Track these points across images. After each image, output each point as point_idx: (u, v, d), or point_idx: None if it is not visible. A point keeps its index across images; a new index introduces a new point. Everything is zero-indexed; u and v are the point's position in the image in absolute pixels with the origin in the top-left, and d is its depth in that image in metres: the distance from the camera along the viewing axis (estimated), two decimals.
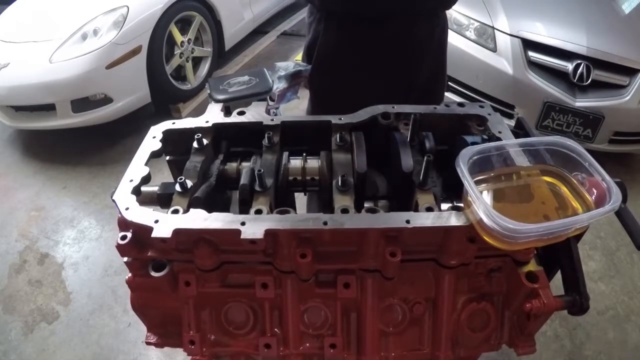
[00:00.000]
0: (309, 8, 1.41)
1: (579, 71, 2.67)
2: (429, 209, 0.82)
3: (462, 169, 0.76)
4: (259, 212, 0.82)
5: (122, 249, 0.83)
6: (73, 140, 3.27)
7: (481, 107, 1.06)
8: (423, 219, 0.79)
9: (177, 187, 0.87)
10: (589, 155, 0.81)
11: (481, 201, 0.72)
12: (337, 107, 1.09)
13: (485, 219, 0.72)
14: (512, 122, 2.00)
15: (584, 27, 2.80)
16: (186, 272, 0.86)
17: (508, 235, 0.71)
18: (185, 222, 0.78)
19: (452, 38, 2.97)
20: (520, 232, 0.69)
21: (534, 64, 2.77)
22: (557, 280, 0.91)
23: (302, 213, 0.82)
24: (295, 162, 0.99)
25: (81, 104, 2.96)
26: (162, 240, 0.77)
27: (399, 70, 1.36)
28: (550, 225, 0.71)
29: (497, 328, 0.93)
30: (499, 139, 0.96)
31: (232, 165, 1.00)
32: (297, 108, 3.42)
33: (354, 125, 1.01)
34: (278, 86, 1.36)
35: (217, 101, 1.15)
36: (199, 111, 3.29)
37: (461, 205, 0.88)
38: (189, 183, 0.87)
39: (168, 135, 1.00)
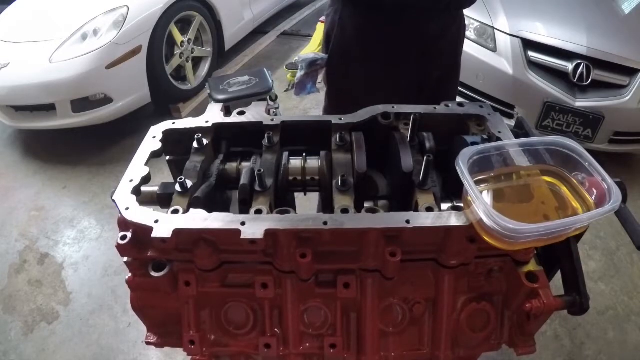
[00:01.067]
0: None
1: (579, 71, 2.67)
2: (429, 209, 0.82)
3: (462, 168, 0.76)
4: (259, 212, 0.82)
5: (122, 249, 0.83)
6: (73, 140, 3.27)
7: (481, 107, 1.06)
8: (423, 219, 0.79)
9: (177, 187, 0.87)
10: (589, 155, 0.81)
11: (481, 201, 0.72)
12: (351, 99, 1.09)
13: (485, 219, 0.72)
14: (512, 122, 2.00)
15: (584, 27, 2.80)
16: (186, 272, 0.86)
17: (508, 235, 0.71)
18: (185, 222, 0.78)
19: None
20: (520, 232, 0.69)
21: (534, 64, 2.78)
22: (557, 280, 0.91)
23: (302, 213, 0.82)
24: (295, 162, 0.99)
25: (81, 104, 2.96)
26: (162, 240, 0.77)
27: (411, 65, 1.37)
28: (550, 225, 0.71)
29: (497, 328, 0.93)
30: (499, 139, 0.96)
31: (232, 165, 1.00)
32: (296, 108, 3.43)
33: (354, 125, 1.01)
34: (298, 75, 1.36)
35: (217, 101, 1.16)
36: (199, 111, 3.29)
37: (461, 205, 0.88)
38: (189, 183, 0.87)
39: (168, 135, 1.00)
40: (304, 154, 1.00)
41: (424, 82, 1.41)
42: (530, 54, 2.78)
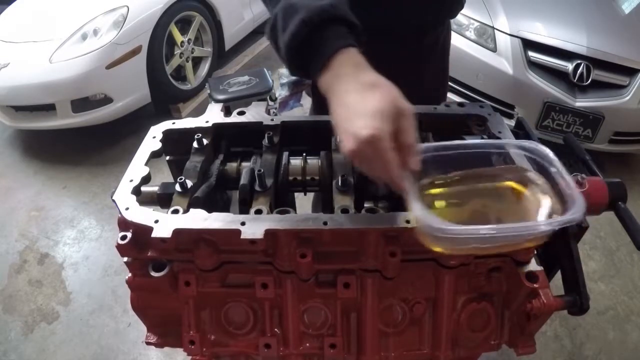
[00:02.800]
0: None
1: (579, 71, 2.67)
2: None
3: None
4: (259, 212, 0.82)
5: (122, 249, 0.82)
6: (73, 140, 3.27)
7: (481, 107, 1.06)
8: None
9: (177, 187, 0.87)
10: (557, 161, 0.76)
11: (414, 200, 0.68)
12: None
13: (417, 218, 0.70)
14: (512, 122, 2.00)
15: (584, 27, 2.80)
16: (186, 272, 0.86)
17: (440, 236, 0.67)
18: (185, 222, 0.78)
19: (452, 38, 2.97)
20: (450, 233, 0.65)
21: (534, 64, 2.78)
22: (557, 280, 0.91)
23: (302, 213, 0.82)
24: (295, 162, 0.99)
25: (81, 104, 2.96)
26: (162, 240, 0.77)
27: (403, 80, 1.34)
28: (489, 228, 0.66)
29: (497, 328, 0.93)
30: (498, 139, 0.96)
31: (232, 165, 1.00)
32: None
33: None
34: (281, 93, 1.34)
35: (217, 101, 1.15)
36: (199, 111, 3.29)
37: None
38: (189, 183, 0.87)
39: (168, 135, 1.00)
40: (304, 154, 1.00)
41: (415, 92, 1.37)
42: (530, 54, 2.78)
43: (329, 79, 0.71)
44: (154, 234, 0.76)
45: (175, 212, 0.81)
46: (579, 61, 2.69)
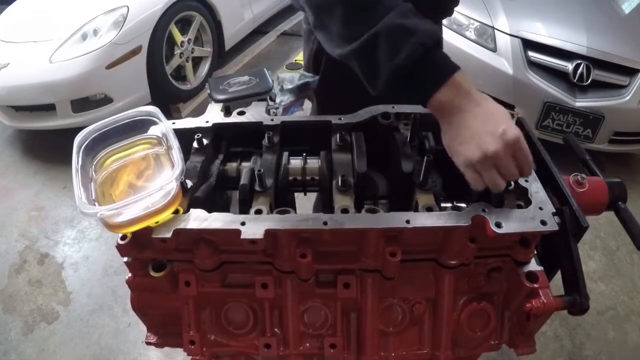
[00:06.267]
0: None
1: (579, 71, 2.68)
2: (429, 209, 0.82)
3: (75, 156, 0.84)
4: (259, 212, 0.82)
5: (122, 249, 0.83)
6: (73, 141, 3.27)
7: None
8: (423, 219, 0.78)
9: None
10: (165, 120, 0.87)
11: (76, 188, 0.77)
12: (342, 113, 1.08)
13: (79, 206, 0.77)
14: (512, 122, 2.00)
15: (584, 27, 2.80)
16: (186, 272, 0.86)
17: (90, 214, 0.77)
18: (186, 222, 0.78)
19: (452, 38, 2.97)
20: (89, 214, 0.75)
21: (534, 64, 2.78)
22: (557, 280, 0.91)
23: (302, 213, 0.82)
24: (295, 162, 0.99)
25: (81, 104, 2.96)
26: (162, 240, 0.77)
27: None
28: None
29: (497, 328, 0.93)
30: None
31: (232, 165, 1.00)
32: None
33: (354, 125, 1.01)
34: (283, 99, 1.32)
35: (217, 101, 1.15)
36: (199, 111, 3.29)
37: (461, 205, 0.88)
38: (189, 183, 0.87)
39: None
40: (304, 154, 1.00)
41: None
42: (530, 54, 2.78)
43: (450, 95, 0.76)
44: (154, 234, 0.76)
45: (176, 212, 0.82)
46: (579, 61, 2.69)
